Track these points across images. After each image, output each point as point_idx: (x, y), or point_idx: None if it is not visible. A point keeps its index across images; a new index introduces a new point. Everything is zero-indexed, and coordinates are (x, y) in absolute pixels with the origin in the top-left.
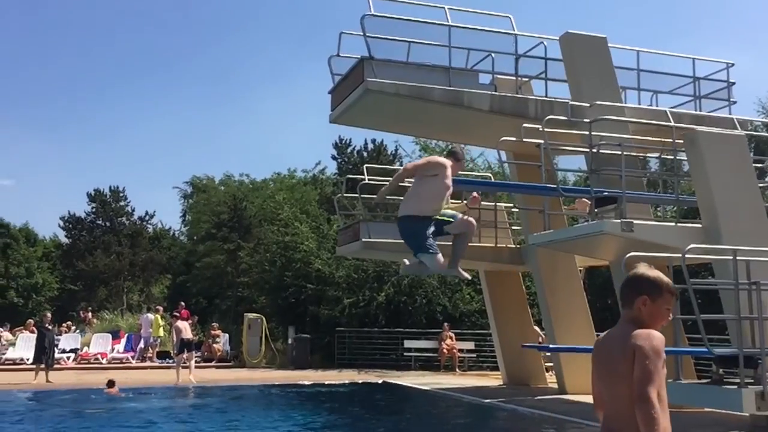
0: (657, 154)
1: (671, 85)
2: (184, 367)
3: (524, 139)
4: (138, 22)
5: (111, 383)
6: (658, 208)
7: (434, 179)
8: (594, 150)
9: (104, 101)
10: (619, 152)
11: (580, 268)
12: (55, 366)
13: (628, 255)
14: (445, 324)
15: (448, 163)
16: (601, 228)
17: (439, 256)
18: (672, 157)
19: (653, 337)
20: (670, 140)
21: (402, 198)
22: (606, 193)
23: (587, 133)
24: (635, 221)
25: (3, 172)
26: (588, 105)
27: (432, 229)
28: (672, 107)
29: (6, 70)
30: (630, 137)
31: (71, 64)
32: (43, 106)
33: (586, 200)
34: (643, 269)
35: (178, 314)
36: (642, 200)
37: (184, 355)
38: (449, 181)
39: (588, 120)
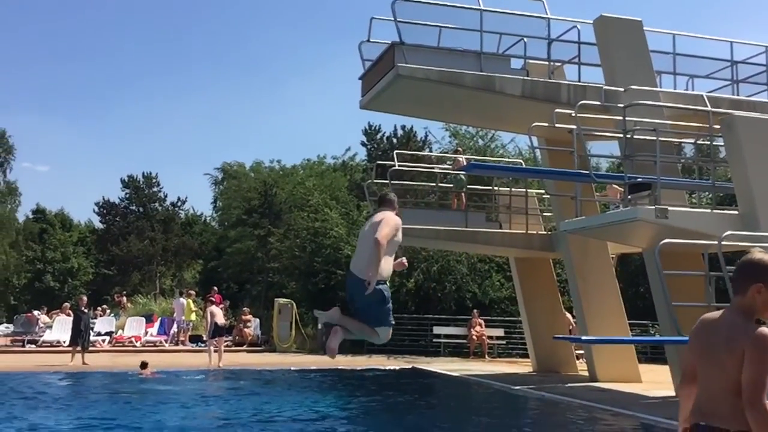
0: (693, 140)
1: (708, 69)
2: (216, 351)
3: (556, 125)
4: (169, 12)
5: (144, 365)
6: (693, 195)
7: (395, 240)
8: (628, 135)
9: (137, 90)
10: (654, 138)
11: (613, 256)
12: (91, 348)
13: (662, 242)
14: (475, 311)
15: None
16: (634, 215)
17: None
18: (708, 143)
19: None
20: (707, 125)
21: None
22: (640, 180)
23: (621, 118)
24: (670, 208)
25: (39, 158)
26: (622, 90)
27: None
28: (709, 92)
29: (42, 60)
30: (665, 122)
31: (105, 54)
32: (77, 94)
33: (618, 187)
34: (759, 254)
35: (212, 299)
36: (677, 186)
37: (215, 340)
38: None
39: (622, 105)
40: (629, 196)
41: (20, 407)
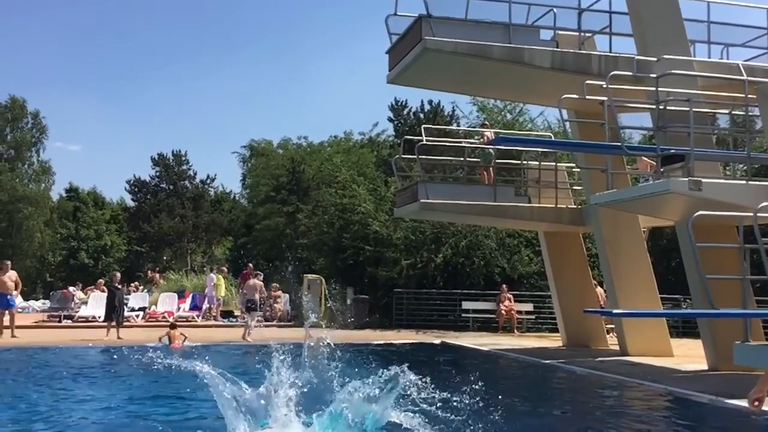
0: (727, 110)
1: (743, 38)
2: (249, 326)
3: (587, 97)
4: None
5: (173, 326)
6: (728, 167)
7: None
8: (661, 106)
9: (166, 69)
10: (688, 108)
11: (644, 229)
12: (125, 323)
13: (695, 214)
14: (504, 285)
15: None
16: (667, 187)
17: None
18: (743, 113)
19: None
20: (742, 95)
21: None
22: (673, 151)
23: (654, 89)
24: (704, 179)
25: (70, 138)
26: (655, 59)
27: None
28: (744, 60)
29: (72, 40)
30: (699, 93)
31: (134, 33)
32: (107, 73)
33: (649, 159)
34: None
35: (251, 274)
36: (711, 158)
37: (248, 314)
38: None
39: (655, 75)
40: (662, 169)
41: (60, 380)
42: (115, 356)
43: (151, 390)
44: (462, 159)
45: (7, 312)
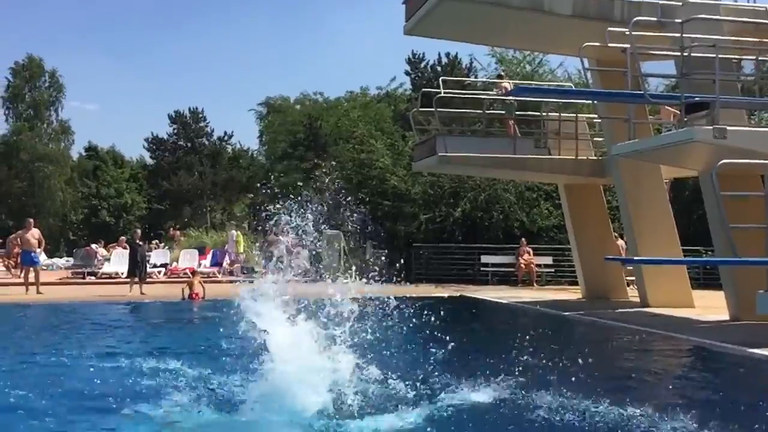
0: (754, 57)
1: None
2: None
3: (609, 44)
4: None
5: (193, 273)
6: (753, 114)
7: None
8: (685, 53)
9: (182, 25)
10: (713, 55)
11: (666, 180)
12: (147, 279)
13: (720, 162)
14: (523, 239)
15: None
16: (691, 135)
17: None
18: None
19: None
20: None
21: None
22: (697, 99)
23: (678, 35)
24: (728, 128)
25: (87, 97)
26: (680, 4)
27: None
28: None
29: None
30: (725, 38)
31: None
32: (122, 31)
33: (672, 109)
34: None
35: (272, 232)
36: (736, 105)
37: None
38: None
39: (679, 20)
40: (686, 117)
41: (87, 334)
42: (138, 310)
43: (175, 341)
44: (481, 112)
45: (32, 269)
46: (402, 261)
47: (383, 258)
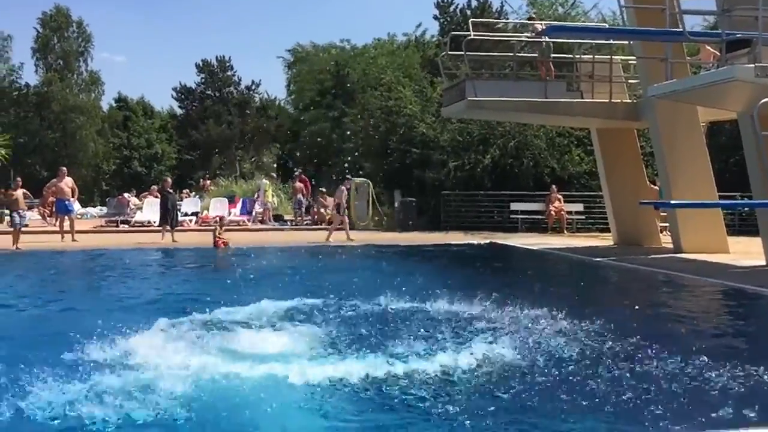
0: None
1: None
2: (299, 229)
3: None
4: None
5: (221, 219)
6: None
7: None
8: None
9: None
10: None
11: (702, 124)
12: (178, 228)
13: (761, 102)
14: (553, 186)
15: None
16: (732, 74)
17: None
18: None
19: None
20: None
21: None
22: (739, 36)
23: None
24: None
25: (115, 48)
26: None
27: None
28: None
29: None
30: None
31: None
32: None
33: (712, 49)
34: None
35: (302, 179)
36: None
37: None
38: None
39: None
40: (726, 55)
41: (124, 279)
42: (171, 257)
43: (206, 285)
44: (511, 55)
45: (66, 217)
46: (431, 208)
47: (412, 205)
